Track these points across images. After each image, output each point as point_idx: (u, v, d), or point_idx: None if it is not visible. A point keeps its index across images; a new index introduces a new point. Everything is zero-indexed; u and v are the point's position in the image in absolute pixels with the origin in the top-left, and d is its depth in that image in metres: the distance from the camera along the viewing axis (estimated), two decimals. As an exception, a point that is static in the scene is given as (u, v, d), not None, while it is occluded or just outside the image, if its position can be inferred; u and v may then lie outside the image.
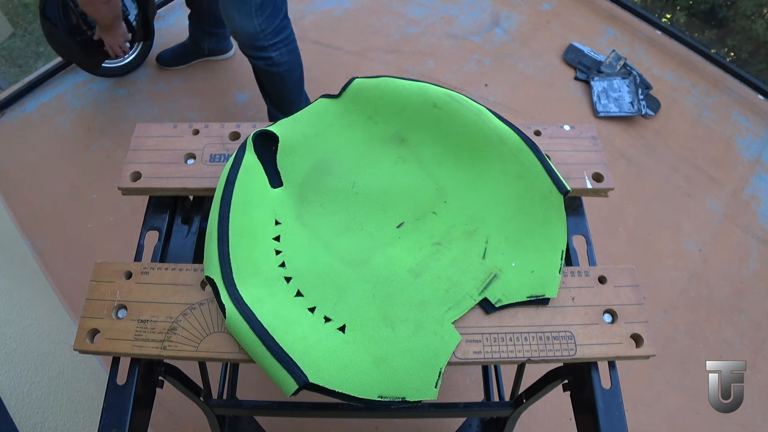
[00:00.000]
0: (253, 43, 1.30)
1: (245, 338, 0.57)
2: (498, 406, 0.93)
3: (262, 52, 1.34)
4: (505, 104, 1.90)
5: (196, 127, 0.79)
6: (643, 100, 1.86)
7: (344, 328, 0.60)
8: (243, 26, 1.26)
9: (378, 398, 0.56)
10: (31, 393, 0.92)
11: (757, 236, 1.62)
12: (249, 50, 1.34)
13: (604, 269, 0.67)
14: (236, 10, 1.22)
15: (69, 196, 1.63)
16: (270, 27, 1.28)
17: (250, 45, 1.31)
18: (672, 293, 1.50)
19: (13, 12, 2.52)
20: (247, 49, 1.34)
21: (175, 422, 1.25)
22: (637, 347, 0.61)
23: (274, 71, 1.40)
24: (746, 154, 1.82)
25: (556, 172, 0.69)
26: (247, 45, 1.32)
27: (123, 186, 0.74)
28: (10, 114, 1.82)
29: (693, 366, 1.38)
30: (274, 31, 1.30)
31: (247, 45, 1.32)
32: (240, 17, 1.23)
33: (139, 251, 0.72)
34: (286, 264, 0.65)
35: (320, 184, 0.73)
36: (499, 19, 2.17)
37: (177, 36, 2.00)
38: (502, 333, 0.62)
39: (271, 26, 1.29)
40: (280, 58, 1.36)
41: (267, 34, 1.29)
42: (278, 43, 1.33)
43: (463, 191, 0.72)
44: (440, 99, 0.75)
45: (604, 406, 0.62)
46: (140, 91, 1.87)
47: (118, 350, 0.60)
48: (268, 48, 1.33)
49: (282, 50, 1.36)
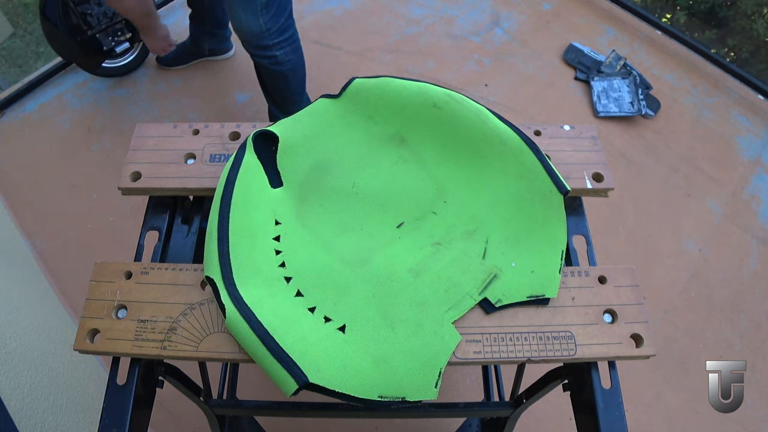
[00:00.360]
0: (258, 41, 1.30)
1: (245, 338, 0.57)
2: (498, 406, 0.93)
3: (266, 51, 1.33)
4: (505, 104, 1.90)
5: (196, 127, 0.79)
6: (643, 100, 1.86)
7: (344, 328, 0.60)
8: (249, 25, 1.25)
9: (378, 398, 0.56)
10: (31, 393, 0.92)
11: (757, 236, 1.62)
12: (253, 49, 1.34)
13: (604, 269, 0.67)
14: (242, 8, 1.22)
15: (69, 196, 1.63)
16: (275, 26, 1.28)
17: (255, 44, 1.31)
18: (672, 293, 1.50)
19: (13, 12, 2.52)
20: (252, 47, 1.34)
21: (175, 422, 1.25)
22: (637, 347, 0.61)
23: (277, 70, 1.39)
24: (746, 154, 1.82)
25: (556, 172, 0.69)
26: (252, 44, 1.32)
27: (123, 186, 0.74)
28: (10, 114, 1.82)
29: (693, 366, 1.38)
30: (279, 29, 1.30)
31: (252, 44, 1.32)
32: (246, 16, 1.23)
33: (139, 251, 0.72)
34: (286, 264, 0.65)
35: (320, 184, 0.73)
36: (499, 19, 2.17)
37: (177, 36, 2.00)
38: (502, 333, 0.62)
39: (276, 25, 1.28)
40: (284, 56, 1.36)
41: (272, 32, 1.29)
42: (283, 42, 1.33)
43: (463, 191, 0.72)
44: (440, 99, 0.75)
45: (604, 406, 0.62)
46: (140, 91, 1.87)
47: (118, 350, 0.60)
48: (272, 47, 1.32)
49: (286, 49, 1.36)
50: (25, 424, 0.85)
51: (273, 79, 1.45)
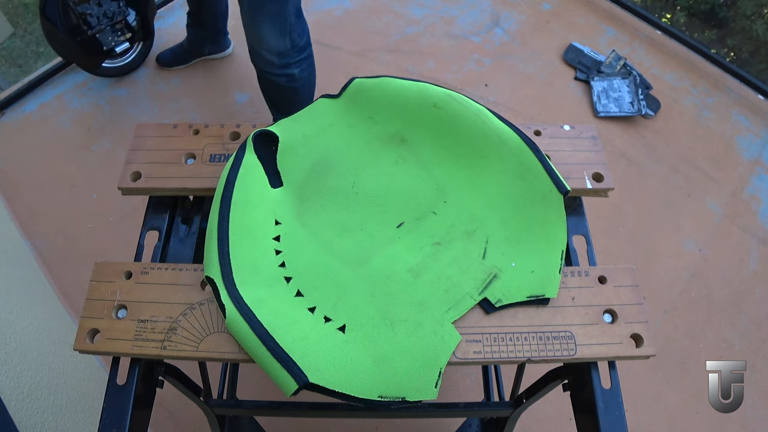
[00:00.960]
0: (282, 60, 1.26)
1: (245, 338, 0.57)
2: (498, 406, 0.93)
3: (285, 69, 1.28)
4: (505, 104, 1.89)
5: (196, 127, 0.79)
6: (643, 100, 1.86)
7: (344, 328, 0.60)
8: (276, 45, 1.21)
9: (378, 398, 0.56)
10: (31, 393, 0.92)
11: (757, 236, 1.62)
12: (274, 68, 1.28)
13: (604, 269, 0.67)
14: (272, 29, 1.18)
15: (69, 196, 1.63)
16: (299, 44, 1.25)
17: (279, 63, 1.26)
18: (672, 293, 1.50)
19: (13, 12, 2.52)
20: (272, 67, 1.28)
21: (175, 422, 1.25)
22: (637, 347, 0.61)
23: (291, 86, 1.34)
24: (746, 154, 1.82)
25: (556, 172, 0.69)
26: (275, 63, 1.26)
27: (123, 186, 0.74)
28: (10, 114, 1.82)
29: (693, 366, 1.38)
30: (301, 47, 1.27)
31: (275, 63, 1.26)
32: (275, 36, 1.19)
33: (139, 251, 0.72)
34: (286, 264, 0.65)
35: (320, 184, 0.73)
36: (499, 19, 2.17)
37: (177, 36, 2.00)
38: (502, 333, 0.62)
39: (300, 43, 1.25)
40: (301, 74, 1.32)
41: (295, 51, 1.25)
42: (302, 60, 1.30)
43: (463, 191, 0.72)
44: (440, 99, 0.75)
45: (604, 406, 0.62)
46: (140, 91, 1.87)
47: (118, 350, 0.60)
48: (292, 65, 1.28)
49: (303, 66, 1.32)
50: (25, 424, 0.85)
51: (283, 93, 1.39)
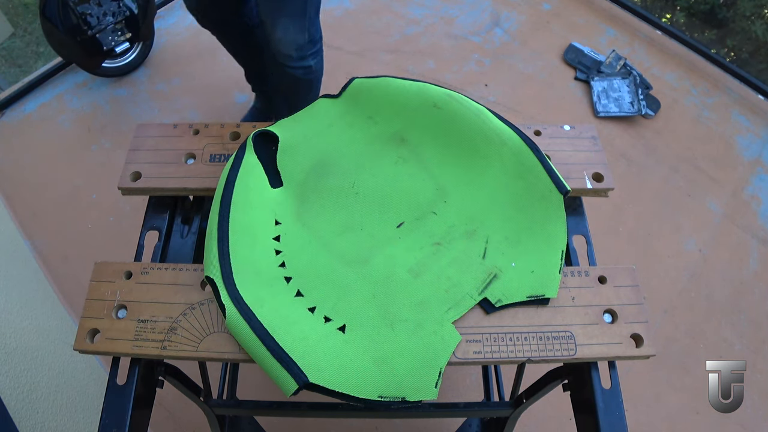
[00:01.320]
0: (300, 53, 1.27)
1: (245, 338, 0.57)
2: (498, 406, 0.93)
3: (303, 62, 1.30)
4: (505, 104, 1.89)
5: (196, 127, 0.79)
6: (643, 100, 1.86)
7: (344, 328, 0.60)
8: (296, 39, 1.23)
9: (378, 398, 0.56)
10: (31, 393, 0.92)
11: (757, 236, 1.62)
12: (292, 61, 1.29)
13: (604, 269, 0.67)
14: (292, 24, 1.20)
15: (69, 196, 1.63)
16: (315, 35, 1.28)
17: (297, 56, 1.28)
18: (672, 293, 1.50)
19: (13, 12, 2.52)
20: (291, 60, 1.29)
21: (175, 422, 1.25)
22: (637, 347, 0.61)
23: (309, 78, 1.36)
24: (746, 154, 1.82)
25: (556, 172, 0.69)
26: (294, 56, 1.28)
27: (123, 186, 0.74)
28: (10, 114, 1.82)
29: (693, 366, 1.38)
30: (316, 39, 1.29)
31: (294, 56, 1.28)
32: (295, 30, 1.21)
33: (139, 251, 0.72)
34: (286, 264, 0.65)
35: (320, 184, 0.73)
36: (499, 19, 2.17)
37: (177, 36, 2.01)
38: (502, 333, 0.62)
39: (316, 34, 1.28)
40: (317, 65, 1.35)
41: (312, 42, 1.27)
42: (317, 51, 1.32)
43: (463, 191, 0.72)
44: (440, 99, 0.75)
45: (604, 406, 0.62)
46: (140, 91, 1.87)
47: (118, 350, 0.60)
48: (308, 57, 1.30)
49: (318, 58, 1.34)
50: (25, 424, 0.85)
51: (299, 87, 1.39)
